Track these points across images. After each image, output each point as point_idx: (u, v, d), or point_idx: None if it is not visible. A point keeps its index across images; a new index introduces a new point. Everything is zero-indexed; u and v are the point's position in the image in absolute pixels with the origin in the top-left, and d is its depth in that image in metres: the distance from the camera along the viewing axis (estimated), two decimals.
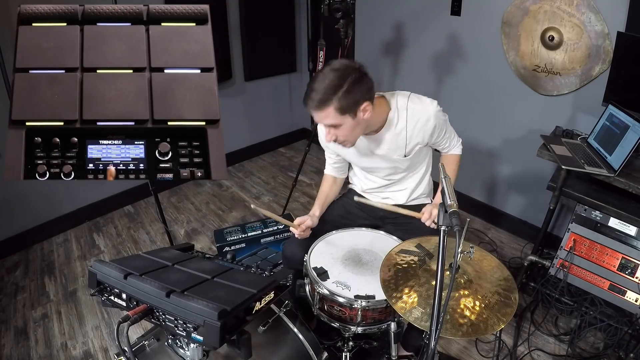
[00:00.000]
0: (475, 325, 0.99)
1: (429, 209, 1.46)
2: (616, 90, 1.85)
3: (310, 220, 1.50)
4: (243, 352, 0.90)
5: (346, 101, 1.20)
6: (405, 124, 1.39)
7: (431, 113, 1.37)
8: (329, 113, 1.21)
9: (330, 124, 1.25)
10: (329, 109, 1.20)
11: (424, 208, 1.49)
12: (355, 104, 1.22)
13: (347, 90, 1.19)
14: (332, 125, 1.25)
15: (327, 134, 1.29)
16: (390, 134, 1.41)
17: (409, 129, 1.39)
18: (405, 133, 1.40)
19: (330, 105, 1.19)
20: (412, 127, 1.39)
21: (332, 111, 1.20)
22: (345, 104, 1.20)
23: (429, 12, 2.57)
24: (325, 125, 1.27)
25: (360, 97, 1.22)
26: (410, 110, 1.38)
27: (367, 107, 1.25)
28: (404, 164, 1.51)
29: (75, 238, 2.71)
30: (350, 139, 1.31)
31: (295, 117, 3.99)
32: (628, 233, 1.70)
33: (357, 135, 1.32)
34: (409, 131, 1.40)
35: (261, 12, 3.24)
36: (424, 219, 1.45)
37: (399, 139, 1.42)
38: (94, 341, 1.95)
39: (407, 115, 1.38)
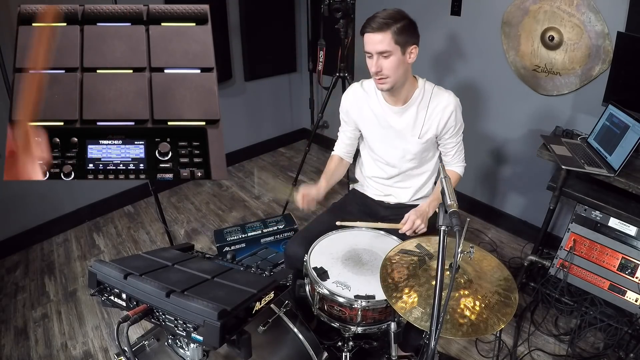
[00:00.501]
0: (475, 325, 0.99)
1: (412, 218, 1.43)
2: (616, 90, 1.85)
3: (316, 190, 1.54)
4: (243, 352, 0.90)
5: (402, 33, 1.32)
6: (427, 104, 1.48)
7: (452, 101, 1.48)
8: (385, 37, 1.31)
9: (382, 50, 1.33)
10: (387, 33, 1.31)
11: (406, 215, 1.45)
12: (407, 41, 1.35)
13: (403, 25, 1.32)
14: (383, 51, 1.33)
15: (374, 64, 1.36)
16: (412, 110, 1.49)
17: (430, 109, 1.48)
18: (425, 113, 1.49)
19: (389, 30, 1.30)
20: (432, 107, 1.48)
21: (389, 36, 1.31)
22: (401, 35, 1.32)
23: (429, 12, 2.57)
24: (377, 51, 1.34)
25: (411, 38, 1.36)
26: (435, 94, 1.48)
27: (413, 50, 1.38)
28: (415, 148, 1.53)
29: (75, 238, 2.71)
30: (391, 77, 1.38)
31: (295, 117, 3.98)
32: (628, 233, 1.70)
33: (398, 76, 1.39)
34: (429, 112, 1.48)
35: (261, 12, 3.23)
36: (405, 230, 1.42)
37: (418, 118, 1.49)
38: (94, 341, 1.95)
39: (431, 97, 1.48)
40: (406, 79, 1.44)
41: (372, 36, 1.33)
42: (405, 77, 1.43)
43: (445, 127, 1.49)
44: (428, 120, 1.49)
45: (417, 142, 1.52)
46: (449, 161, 1.62)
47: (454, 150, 1.58)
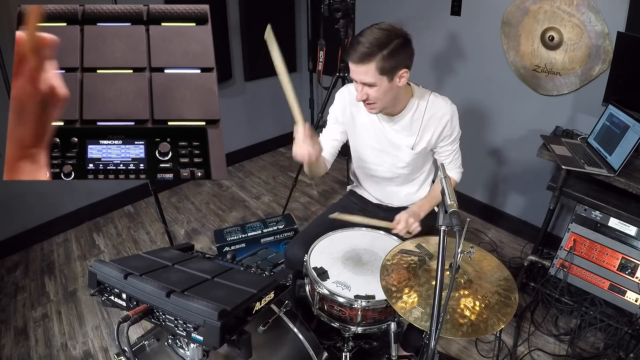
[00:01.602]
0: (475, 325, 0.99)
1: (404, 218, 1.38)
2: (616, 90, 1.85)
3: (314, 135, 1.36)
4: (243, 352, 0.90)
5: (388, 62, 1.21)
6: (423, 113, 1.41)
7: (448, 110, 1.41)
8: (369, 69, 1.22)
9: (366, 82, 1.25)
10: (370, 65, 1.21)
11: (397, 215, 1.39)
12: (396, 67, 1.24)
13: (391, 51, 1.20)
14: (368, 83, 1.25)
15: (360, 93, 1.29)
16: (407, 120, 1.43)
17: (425, 119, 1.42)
18: (420, 123, 1.42)
19: (374, 60, 1.20)
20: (428, 117, 1.42)
21: (372, 68, 1.21)
22: (387, 65, 1.21)
23: (429, 12, 2.57)
24: (361, 82, 1.27)
25: (401, 62, 1.24)
26: (430, 102, 1.41)
27: (404, 74, 1.27)
28: (407, 158, 1.49)
29: (75, 238, 2.71)
30: (379, 104, 1.32)
31: None
32: (628, 233, 1.70)
33: (386, 101, 1.32)
34: (424, 122, 1.42)
35: (261, 12, 3.23)
36: (399, 230, 1.38)
37: (413, 128, 1.44)
38: (94, 341, 1.95)
39: (427, 105, 1.41)
40: (398, 98, 1.36)
41: (354, 67, 1.24)
42: (397, 98, 1.36)
43: (441, 136, 1.45)
44: (423, 131, 1.43)
45: (410, 153, 1.48)
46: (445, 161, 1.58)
47: (450, 158, 1.54)
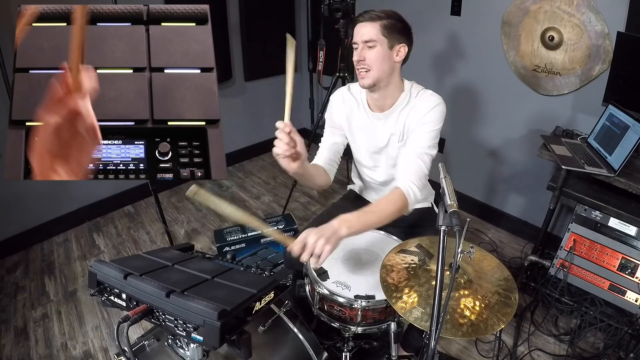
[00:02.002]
0: (475, 325, 0.99)
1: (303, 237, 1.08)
2: (616, 90, 1.85)
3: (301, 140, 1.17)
4: (243, 352, 0.90)
5: (392, 29, 1.31)
6: (411, 108, 1.42)
7: (433, 102, 1.39)
8: (373, 27, 1.31)
9: (367, 39, 1.32)
10: (375, 24, 1.31)
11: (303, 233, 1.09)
12: (396, 38, 1.33)
13: (395, 23, 1.32)
14: (369, 40, 1.32)
15: (358, 52, 1.35)
16: (394, 115, 1.45)
17: (412, 113, 1.41)
18: (406, 117, 1.43)
19: (379, 22, 1.31)
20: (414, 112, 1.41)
21: (377, 27, 1.30)
22: (390, 30, 1.31)
23: (429, 12, 2.58)
24: (362, 40, 1.33)
25: (402, 37, 1.34)
26: (419, 96, 1.43)
27: (402, 48, 1.35)
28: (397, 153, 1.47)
29: (75, 238, 2.71)
30: (374, 69, 1.34)
31: (295, 117, 3.98)
32: (628, 233, 1.70)
33: (381, 71, 1.34)
34: (410, 115, 1.42)
35: (261, 12, 3.23)
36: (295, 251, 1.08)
37: (399, 122, 1.44)
38: (94, 341, 1.95)
39: (416, 101, 1.42)
40: (391, 80, 1.38)
41: (361, 26, 1.33)
42: (390, 77, 1.37)
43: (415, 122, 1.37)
44: (407, 124, 1.42)
45: (398, 146, 1.46)
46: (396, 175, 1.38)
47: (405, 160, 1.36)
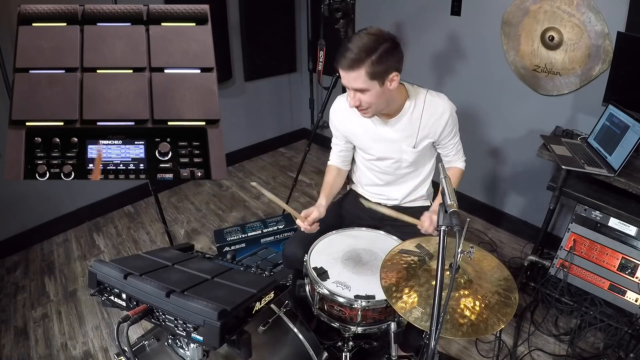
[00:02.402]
0: (475, 325, 0.99)
1: (428, 216, 1.43)
2: (616, 90, 1.85)
3: (317, 212, 1.48)
4: (243, 352, 0.90)
5: (377, 67, 1.23)
6: (421, 113, 1.42)
7: (447, 107, 1.42)
8: (359, 75, 1.23)
9: (358, 88, 1.27)
10: (360, 71, 1.23)
11: (423, 216, 1.45)
12: (386, 71, 1.25)
13: (380, 56, 1.22)
14: (360, 89, 1.27)
15: (352, 99, 1.31)
16: (405, 121, 1.44)
17: (424, 119, 1.43)
18: (419, 122, 1.43)
19: (362, 67, 1.22)
20: (427, 117, 1.43)
21: (363, 74, 1.23)
22: (376, 70, 1.23)
23: (429, 12, 2.57)
24: (353, 88, 1.28)
25: (390, 66, 1.26)
26: (427, 101, 1.42)
27: (395, 77, 1.28)
28: (411, 157, 1.50)
29: (75, 238, 2.71)
30: (372, 107, 1.33)
31: (295, 117, 3.98)
32: (628, 233, 1.70)
33: (379, 105, 1.34)
34: (423, 121, 1.43)
35: (261, 12, 3.23)
36: (424, 228, 1.43)
37: (412, 127, 1.44)
38: (94, 341, 1.95)
39: (424, 106, 1.42)
40: (391, 100, 1.38)
41: (345, 74, 1.26)
42: (390, 100, 1.37)
43: (443, 133, 1.46)
44: (423, 130, 1.44)
45: (412, 152, 1.49)
46: (450, 160, 1.61)
47: (455, 150, 1.57)
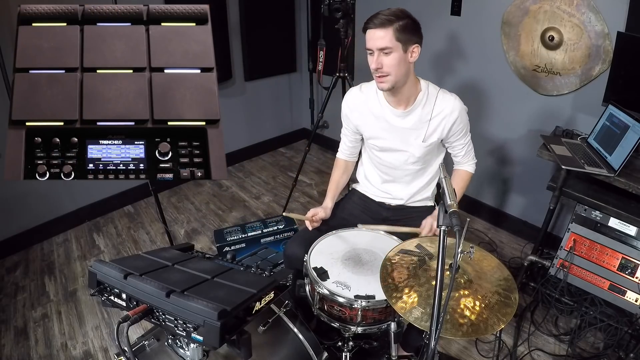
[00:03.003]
0: (475, 325, 0.99)
1: (429, 222, 1.50)
2: (616, 90, 1.85)
3: (324, 212, 1.57)
4: (243, 352, 0.90)
5: (404, 31, 1.32)
6: (432, 107, 1.47)
7: (457, 106, 1.47)
8: (387, 33, 1.31)
9: (383, 46, 1.33)
10: (388, 30, 1.31)
11: (423, 222, 1.52)
12: (410, 39, 1.34)
13: (406, 24, 1.32)
14: (384, 48, 1.33)
15: (375, 61, 1.36)
16: (416, 114, 1.48)
17: (435, 114, 1.47)
18: (430, 117, 1.47)
19: (391, 27, 1.30)
20: (437, 112, 1.47)
21: (390, 32, 1.31)
22: (403, 33, 1.32)
23: (429, 12, 2.57)
24: (378, 48, 1.34)
25: (414, 37, 1.36)
26: (440, 98, 1.47)
27: (415, 49, 1.37)
28: (419, 152, 1.52)
29: (75, 238, 2.71)
30: (392, 75, 1.36)
31: (295, 117, 3.98)
32: (628, 233, 1.70)
33: (398, 74, 1.37)
34: (433, 116, 1.47)
35: (261, 12, 3.23)
36: (424, 234, 1.48)
37: (423, 121, 1.48)
38: (94, 341, 1.95)
39: (436, 101, 1.47)
40: (407, 79, 1.42)
41: (373, 32, 1.33)
42: (407, 77, 1.41)
43: (451, 131, 1.50)
44: (433, 124, 1.48)
45: (421, 146, 1.51)
46: (459, 161, 1.63)
47: (464, 151, 1.60)
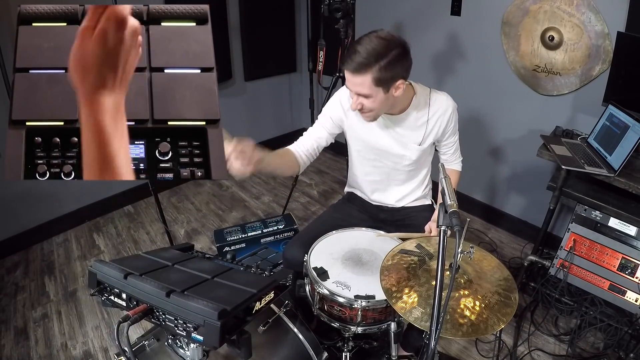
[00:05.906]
0: (475, 325, 0.99)
1: (433, 226, 1.50)
2: (616, 90, 1.85)
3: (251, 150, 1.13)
4: (243, 352, 0.90)
5: (385, 73, 1.18)
6: (427, 110, 1.44)
7: (450, 104, 1.45)
8: (365, 80, 1.19)
9: (362, 93, 1.23)
10: (366, 76, 1.18)
11: (426, 226, 1.53)
12: (392, 78, 1.21)
13: (388, 62, 1.17)
14: (363, 94, 1.24)
15: (354, 102, 1.27)
16: (412, 118, 1.45)
17: (430, 115, 1.44)
18: (426, 119, 1.45)
19: (370, 71, 1.18)
20: (432, 113, 1.44)
21: (368, 79, 1.19)
22: (383, 76, 1.19)
23: (429, 12, 2.57)
24: (356, 93, 1.25)
25: (397, 74, 1.22)
26: (433, 99, 1.44)
27: (400, 85, 1.25)
28: (415, 155, 1.50)
29: (75, 238, 2.71)
30: (374, 113, 1.31)
31: (295, 117, 3.98)
32: (628, 233, 1.70)
33: (382, 111, 1.33)
34: (430, 118, 1.44)
35: (261, 12, 3.23)
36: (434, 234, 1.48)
37: (419, 124, 1.45)
38: (94, 341, 1.95)
39: (430, 103, 1.43)
40: (395, 104, 1.36)
41: (351, 76, 1.21)
42: (394, 105, 1.35)
43: (446, 129, 1.49)
44: (429, 126, 1.46)
45: (417, 149, 1.49)
46: (447, 159, 1.62)
47: (453, 149, 1.59)
